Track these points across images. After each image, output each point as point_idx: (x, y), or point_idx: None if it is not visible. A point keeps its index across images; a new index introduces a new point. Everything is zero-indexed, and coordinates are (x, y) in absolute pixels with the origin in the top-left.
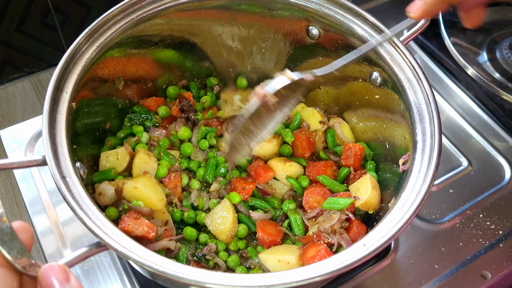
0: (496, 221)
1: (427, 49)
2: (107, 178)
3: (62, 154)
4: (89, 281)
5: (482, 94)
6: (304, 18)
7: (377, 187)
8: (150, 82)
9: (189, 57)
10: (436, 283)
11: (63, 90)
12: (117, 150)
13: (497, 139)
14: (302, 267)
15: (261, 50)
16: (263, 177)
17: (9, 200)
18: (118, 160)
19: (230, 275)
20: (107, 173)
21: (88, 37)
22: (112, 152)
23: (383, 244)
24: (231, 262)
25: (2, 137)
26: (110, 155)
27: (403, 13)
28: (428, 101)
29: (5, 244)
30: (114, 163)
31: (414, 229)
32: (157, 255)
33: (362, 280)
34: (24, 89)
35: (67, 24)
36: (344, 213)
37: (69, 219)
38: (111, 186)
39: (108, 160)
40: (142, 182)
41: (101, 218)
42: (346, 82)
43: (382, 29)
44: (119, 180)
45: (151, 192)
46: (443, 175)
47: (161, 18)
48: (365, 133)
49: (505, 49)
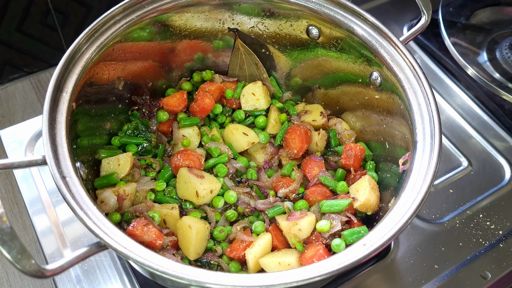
0: (496, 221)
1: (427, 49)
2: (109, 183)
3: (62, 154)
4: (89, 281)
5: (482, 94)
6: (304, 18)
7: (376, 188)
8: (150, 82)
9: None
10: (436, 283)
11: (63, 90)
12: (119, 156)
13: (497, 139)
14: (302, 267)
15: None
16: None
17: (9, 200)
18: (120, 166)
19: (230, 275)
20: (109, 178)
21: (88, 37)
22: (113, 158)
23: (383, 244)
24: (232, 268)
25: (2, 137)
26: (112, 161)
27: (403, 13)
28: (428, 101)
29: (5, 244)
30: (115, 169)
31: (414, 229)
32: (157, 255)
33: (362, 280)
34: (24, 89)
35: (67, 24)
36: (344, 214)
37: (69, 219)
38: (113, 195)
39: (109, 166)
40: (197, 228)
41: (101, 218)
42: (346, 82)
43: (382, 29)
44: (119, 186)
45: (198, 241)
46: (443, 175)
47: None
48: (365, 133)
49: (505, 49)
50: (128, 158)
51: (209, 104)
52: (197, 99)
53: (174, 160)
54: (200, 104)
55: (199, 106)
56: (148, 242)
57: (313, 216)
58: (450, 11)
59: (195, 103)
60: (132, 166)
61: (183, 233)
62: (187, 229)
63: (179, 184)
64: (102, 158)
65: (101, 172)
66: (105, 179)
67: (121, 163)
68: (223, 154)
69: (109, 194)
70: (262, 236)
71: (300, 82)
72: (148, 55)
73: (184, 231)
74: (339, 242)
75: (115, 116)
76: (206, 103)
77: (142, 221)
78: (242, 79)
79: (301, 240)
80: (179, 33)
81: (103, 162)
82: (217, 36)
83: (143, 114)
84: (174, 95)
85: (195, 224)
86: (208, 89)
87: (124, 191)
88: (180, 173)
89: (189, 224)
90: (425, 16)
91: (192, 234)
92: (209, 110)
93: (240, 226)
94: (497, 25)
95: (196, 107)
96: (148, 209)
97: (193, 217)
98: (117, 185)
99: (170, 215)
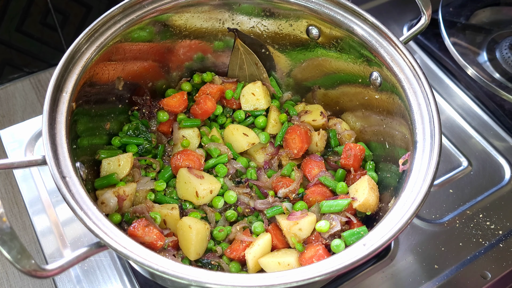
0: (496, 221)
1: (427, 49)
2: (109, 183)
3: (62, 154)
4: (89, 281)
5: (482, 94)
6: (304, 18)
7: (375, 188)
8: (150, 82)
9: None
10: (436, 283)
11: (63, 90)
12: (119, 157)
13: (497, 139)
14: (302, 267)
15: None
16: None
17: (9, 200)
18: (120, 166)
19: (230, 275)
20: (109, 178)
21: (88, 37)
22: (113, 158)
23: (383, 244)
24: (232, 268)
25: (2, 137)
26: (112, 161)
27: (403, 13)
28: (428, 101)
29: (5, 244)
30: (115, 170)
31: (414, 229)
32: (157, 255)
33: (362, 280)
34: (24, 89)
35: (67, 24)
36: (344, 215)
37: (69, 219)
38: (114, 196)
39: (109, 166)
40: (197, 228)
41: (101, 218)
42: (346, 82)
43: (382, 29)
44: (119, 187)
45: (198, 241)
46: (443, 175)
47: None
48: (365, 133)
49: (505, 49)
50: (128, 159)
51: (211, 107)
52: (199, 102)
53: (174, 161)
54: (203, 107)
55: (201, 109)
56: (149, 243)
57: (314, 216)
58: (450, 11)
59: (197, 106)
60: (132, 166)
61: (183, 234)
62: (187, 230)
63: (179, 184)
64: (102, 158)
65: (101, 173)
66: (105, 179)
67: (121, 164)
68: (223, 155)
69: (110, 195)
70: (261, 236)
71: (300, 82)
72: (148, 55)
73: (184, 231)
74: (338, 243)
75: (115, 116)
76: (208, 106)
77: (143, 222)
78: (242, 79)
79: (301, 239)
80: (179, 33)
81: (104, 162)
82: (217, 36)
83: (143, 114)
84: (174, 96)
85: (195, 224)
86: (209, 91)
87: (124, 191)
88: (180, 174)
89: (189, 224)
90: (425, 16)
91: (192, 235)
92: (211, 113)
93: (240, 226)
94: (497, 25)
95: (198, 110)
96: (148, 209)
97: (193, 218)
98: (117, 185)
99: (170, 215)
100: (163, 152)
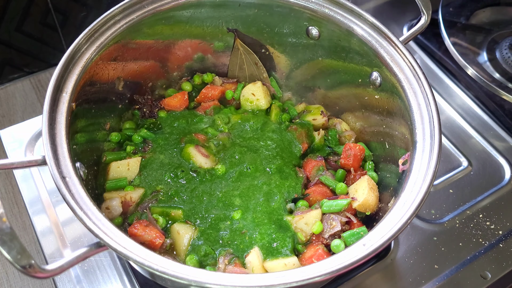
0: (496, 221)
1: (427, 49)
2: (120, 187)
3: (62, 154)
4: (89, 281)
5: (482, 94)
6: (304, 18)
7: (375, 188)
8: (150, 82)
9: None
10: (436, 283)
11: (63, 90)
12: (128, 160)
13: (497, 139)
14: (302, 267)
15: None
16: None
17: (9, 200)
18: (129, 170)
19: (230, 275)
20: (120, 181)
21: (88, 37)
22: (123, 162)
23: (383, 244)
24: None
25: (2, 137)
26: (121, 165)
27: (403, 13)
28: (427, 101)
29: (5, 244)
30: (124, 173)
31: (414, 229)
32: (157, 255)
33: (362, 280)
34: (24, 89)
35: (67, 24)
36: (344, 215)
37: (69, 219)
38: (120, 204)
39: (118, 170)
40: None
41: (101, 218)
42: (346, 82)
43: (382, 29)
44: (127, 193)
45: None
46: (443, 175)
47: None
48: (365, 133)
49: (505, 49)
50: (137, 163)
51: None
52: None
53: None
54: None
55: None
56: (148, 241)
57: (319, 210)
58: (450, 11)
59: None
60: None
61: (175, 238)
62: (176, 235)
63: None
64: (109, 161)
65: (110, 175)
66: (117, 182)
67: (130, 167)
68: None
69: (116, 203)
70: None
71: (300, 82)
72: (148, 55)
73: (176, 236)
74: (338, 243)
75: (115, 116)
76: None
77: (144, 222)
78: (242, 79)
79: (308, 235)
80: (179, 33)
81: (113, 165)
82: (217, 36)
83: (144, 113)
84: (175, 96)
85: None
86: (211, 94)
87: (131, 198)
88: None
89: (178, 230)
90: (425, 16)
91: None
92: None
93: (227, 259)
94: (497, 25)
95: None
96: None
97: (183, 224)
98: (125, 189)
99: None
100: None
